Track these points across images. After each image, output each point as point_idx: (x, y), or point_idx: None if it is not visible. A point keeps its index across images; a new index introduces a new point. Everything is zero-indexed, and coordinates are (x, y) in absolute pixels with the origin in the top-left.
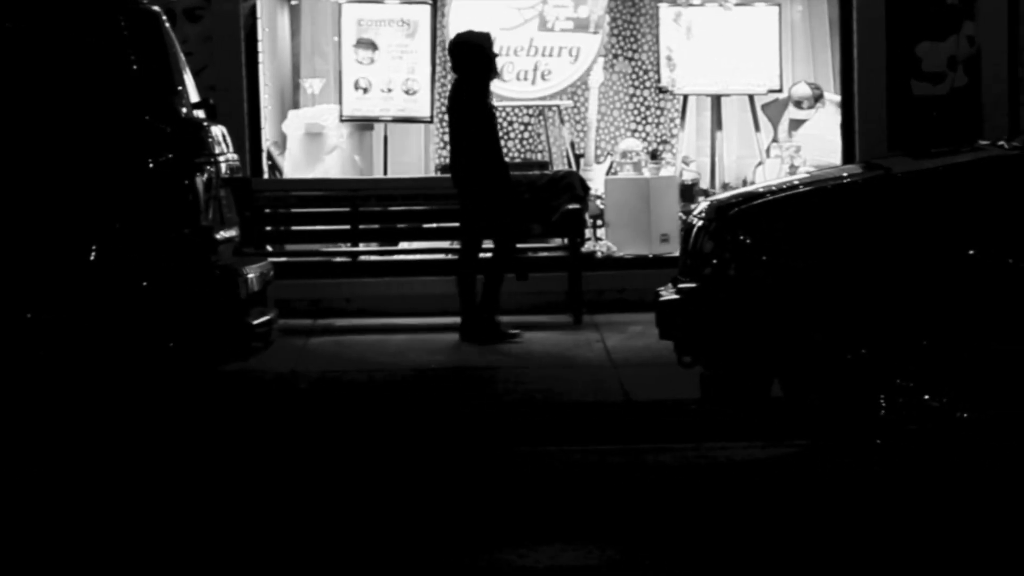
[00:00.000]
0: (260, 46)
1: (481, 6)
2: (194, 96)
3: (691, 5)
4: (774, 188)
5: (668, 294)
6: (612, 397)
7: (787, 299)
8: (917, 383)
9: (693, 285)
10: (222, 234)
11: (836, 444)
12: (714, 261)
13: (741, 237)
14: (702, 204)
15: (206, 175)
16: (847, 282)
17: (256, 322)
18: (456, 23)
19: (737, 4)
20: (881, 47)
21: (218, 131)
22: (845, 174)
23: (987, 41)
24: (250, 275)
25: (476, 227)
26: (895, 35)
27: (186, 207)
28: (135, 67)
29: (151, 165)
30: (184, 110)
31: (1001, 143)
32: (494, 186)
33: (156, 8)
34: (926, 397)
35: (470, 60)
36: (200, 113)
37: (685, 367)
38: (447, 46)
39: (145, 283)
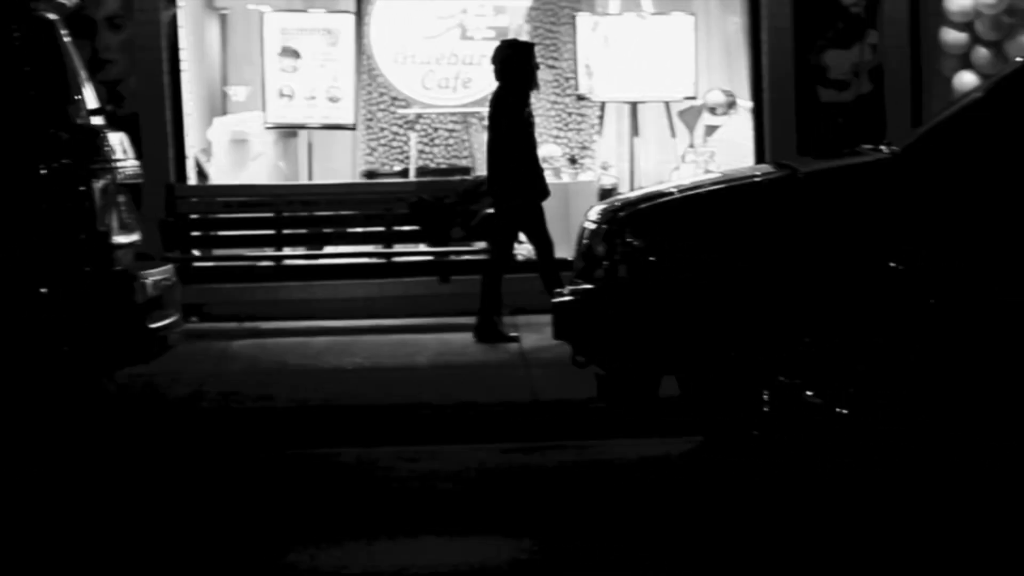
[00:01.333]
0: (183, 54)
1: (403, 15)
2: (93, 103)
3: (608, 15)
4: (660, 192)
5: (562, 296)
6: (521, 397)
7: (673, 299)
8: (799, 380)
9: (585, 287)
10: (120, 239)
11: (724, 440)
12: (605, 263)
13: (629, 240)
14: (595, 207)
15: (102, 181)
16: (730, 280)
17: (154, 326)
18: (378, 32)
19: (653, 13)
20: (789, 55)
21: (116, 138)
22: (723, 177)
23: (889, 49)
24: (148, 279)
25: (510, 230)
26: (802, 44)
27: (81, 212)
28: (28, 75)
29: (44, 171)
30: (81, 117)
31: (881, 147)
32: (527, 192)
33: (52, 16)
34: (808, 393)
35: (512, 69)
36: (99, 120)
37: (579, 367)
38: (492, 55)
39: (43, 289)
